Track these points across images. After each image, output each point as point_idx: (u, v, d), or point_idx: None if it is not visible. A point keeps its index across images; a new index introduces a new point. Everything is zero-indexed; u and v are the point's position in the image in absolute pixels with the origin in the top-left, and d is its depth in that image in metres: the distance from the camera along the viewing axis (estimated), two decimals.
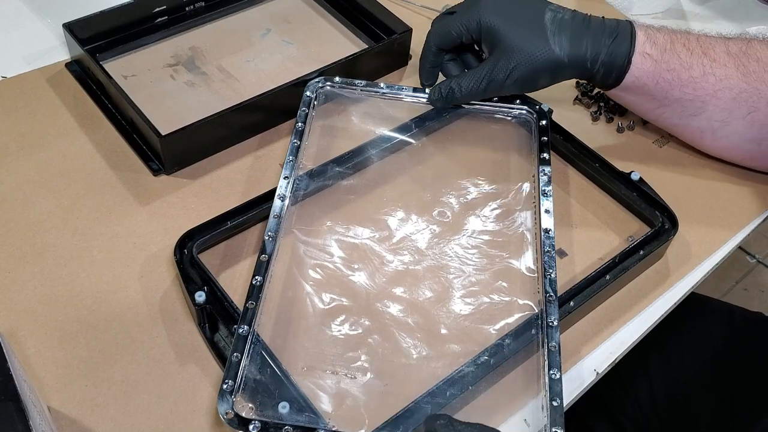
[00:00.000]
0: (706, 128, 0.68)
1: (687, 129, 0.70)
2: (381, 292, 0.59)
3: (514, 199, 0.66)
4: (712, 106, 0.66)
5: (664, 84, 0.65)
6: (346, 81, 0.72)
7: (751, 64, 0.64)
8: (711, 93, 0.65)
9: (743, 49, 0.65)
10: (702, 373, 0.76)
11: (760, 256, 1.62)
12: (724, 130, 0.67)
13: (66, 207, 0.64)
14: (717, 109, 0.66)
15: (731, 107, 0.65)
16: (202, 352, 0.55)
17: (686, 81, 0.65)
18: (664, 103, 0.67)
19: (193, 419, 0.52)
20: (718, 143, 0.70)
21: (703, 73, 0.65)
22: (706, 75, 0.65)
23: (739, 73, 0.64)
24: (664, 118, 0.70)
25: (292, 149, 0.65)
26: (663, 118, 0.70)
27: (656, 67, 0.65)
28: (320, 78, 0.71)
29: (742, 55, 0.65)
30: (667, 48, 0.65)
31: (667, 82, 0.65)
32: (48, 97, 0.73)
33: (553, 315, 0.55)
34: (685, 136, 0.72)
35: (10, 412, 0.40)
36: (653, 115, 0.70)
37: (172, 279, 0.60)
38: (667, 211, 0.65)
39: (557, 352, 0.53)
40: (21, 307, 0.57)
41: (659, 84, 0.65)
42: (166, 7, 0.79)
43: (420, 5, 0.88)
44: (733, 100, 0.65)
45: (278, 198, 0.61)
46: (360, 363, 0.54)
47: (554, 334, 0.54)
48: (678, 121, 0.69)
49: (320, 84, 0.71)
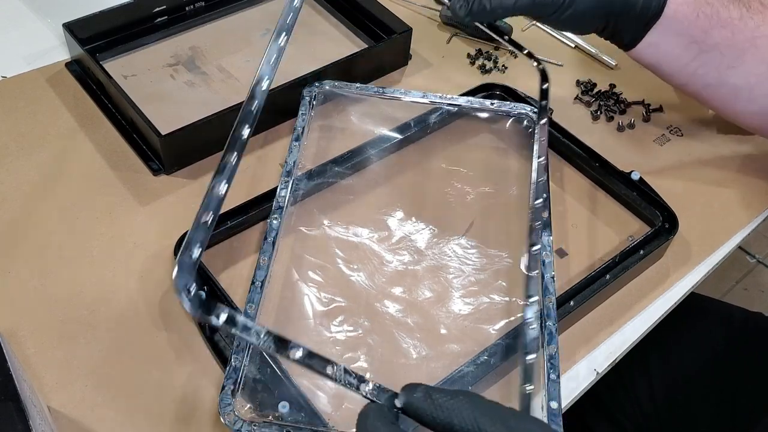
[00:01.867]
0: (743, 86, 0.64)
1: (723, 89, 0.65)
2: (380, 293, 0.59)
3: (513, 198, 0.66)
4: (750, 57, 0.62)
5: (704, 20, 0.61)
6: (345, 82, 0.72)
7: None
8: (750, 39, 0.62)
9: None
10: (702, 373, 0.76)
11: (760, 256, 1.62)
12: (762, 88, 0.64)
13: (66, 207, 0.64)
14: (755, 60, 0.62)
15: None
16: (202, 352, 0.55)
17: (725, 21, 0.61)
18: (703, 48, 0.62)
19: (193, 419, 0.52)
20: (754, 105, 0.65)
21: (740, 16, 0.62)
22: (743, 19, 0.62)
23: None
24: (700, 75, 0.64)
25: (291, 149, 0.65)
26: (698, 75, 0.64)
27: (696, 0, 0.61)
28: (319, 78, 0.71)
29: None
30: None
31: (708, 18, 0.61)
32: (48, 97, 0.73)
33: (553, 315, 0.55)
34: (718, 99, 0.67)
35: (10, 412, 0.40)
36: (689, 70, 0.64)
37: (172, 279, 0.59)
38: (667, 211, 0.65)
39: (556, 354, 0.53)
40: (21, 307, 0.57)
41: (699, 19, 0.61)
42: (166, 7, 0.79)
43: (420, 5, 0.88)
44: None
45: (278, 198, 0.61)
46: (359, 363, 0.54)
47: (554, 334, 0.54)
48: (716, 75, 0.64)
49: (319, 84, 0.71)
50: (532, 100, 0.73)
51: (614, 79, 0.81)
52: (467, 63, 0.82)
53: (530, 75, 0.76)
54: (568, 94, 0.79)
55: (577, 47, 0.85)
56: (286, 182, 0.63)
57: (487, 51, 0.83)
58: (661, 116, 0.78)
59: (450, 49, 0.84)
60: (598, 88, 0.80)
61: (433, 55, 0.82)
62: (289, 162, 0.64)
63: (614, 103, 0.78)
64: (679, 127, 0.77)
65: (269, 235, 0.59)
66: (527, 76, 0.81)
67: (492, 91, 0.75)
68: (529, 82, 0.79)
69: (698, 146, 0.75)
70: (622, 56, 0.67)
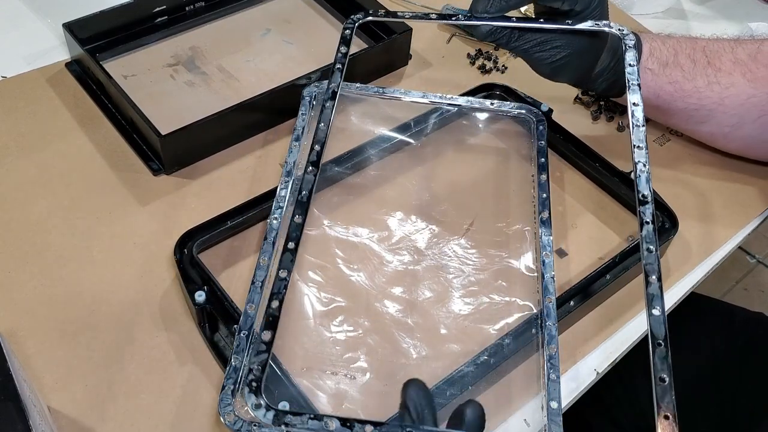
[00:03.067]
0: (717, 132, 0.69)
1: (697, 134, 0.71)
2: (380, 293, 0.59)
3: (513, 198, 0.66)
4: (720, 114, 0.66)
5: (666, 96, 0.66)
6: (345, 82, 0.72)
7: (760, 69, 0.64)
8: (717, 101, 0.65)
9: (752, 53, 0.65)
10: (702, 374, 0.76)
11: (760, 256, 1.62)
12: (736, 134, 0.68)
13: (66, 207, 0.64)
14: (725, 115, 0.66)
15: (741, 113, 0.66)
16: (202, 352, 0.55)
17: (690, 92, 0.66)
18: (668, 113, 0.68)
19: (193, 419, 0.52)
20: (732, 145, 0.71)
21: (707, 83, 0.65)
22: (710, 84, 0.65)
23: (746, 80, 0.64)
24: (672, 124, 0.71)
25: (291, 149, 0.65)
26: (671, 125, 0.71)
27: (656, 80, 0.65)
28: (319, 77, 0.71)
29: (750, 61, 0.65)
30: (669, 61, 0.65)
31: (669, 95, 0.66)
32: (48, 97, 0.73)
33: (553, 315, 0.55)
34: (697, 138, 0.73)
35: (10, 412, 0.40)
36: (661, 121, 0.72)
37: (172, 279, 0.60)
38: (667, 211, 0.65)
39: (556, 353, 0.53)
40: (21, 307, 0.57)
41: (660, 96, 0.66)
42: (166, 7, 0.79)
43: (420, 5, 0.88)
44: (741, 106, 0.65)
45: (278, 198, 0.61)
46: (359, 363, 0.54)
47: (554, 334, 0.54)
48: (686, 127, 0.70)
49: (319, 84, 0.71)
50: (531, 101, 0.73)
51: None
52: (467, 63, 0.82)
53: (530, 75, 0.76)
54: (568, 95, 0.79)
55: None
56: (286, 182, 0.63)
57: (487, 51, 0.83)
58: None
59: (450, 49, 0.84)
60: None
61: (433, 55, 0.82)
62: (289, 162, 0.64)
63: (614, 103, 0.78)
64: None
65: (269, 235, 0.59)
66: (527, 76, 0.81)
67: (492, 91, 0.75)
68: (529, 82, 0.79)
69: (698, 146, 0.75)
70: None
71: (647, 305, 0.48)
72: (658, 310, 0.48)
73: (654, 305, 0.48)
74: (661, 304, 0.48)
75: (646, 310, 0.48)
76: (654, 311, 0.47)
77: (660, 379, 0.45)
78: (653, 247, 0.50)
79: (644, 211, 0.52)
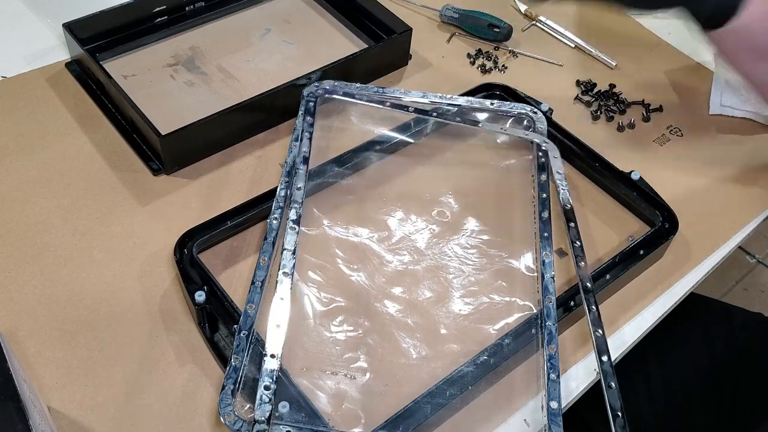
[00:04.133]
0: None
1: None
2: (380, 293, 0.59)
3: (513, 198, 0.66)
4: None
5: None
6: (345, 82, 0.72)
7: None
8: None
9: None
10: (702, 374, 0.76)
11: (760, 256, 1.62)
12: None
13: (66, 207, 0.64)
14: None
15: None
16: (202, 352, 0.55)
17: None
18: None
19: (193, 419, 0.52)
20: None
21: None
22: None
23: None
24: None
25: (291, 149, 0.65)
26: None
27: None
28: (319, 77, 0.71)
29: None
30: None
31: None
32: (48, 97, 0.73)
33: (553, 315, 0.55)
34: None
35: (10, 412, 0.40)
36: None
37: (172, 279, 0.60)
38: (667, 211, 0.65)
39: (556, 353, 0.53)
40: (21, 307, 0.57)
41: None
42: (166, 7, 0.79)
43: (420, 5, 0.88)
44: None
45: (278, 198, 0.61)
46: (359, 363, 0.54)
47: (554, 334, 0.54)
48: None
49: (319, 84, 0.71)
50: (531, 101, 0.73)
51: (614, 79, 0.81)
52: (467, 63, 0.82)
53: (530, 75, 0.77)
54: (568, 94, 0.79)
55: (577, 47, 0.85)
56: (287, 182, 0.62)
57: (487, 51, 0.83)
58: (661, 116, 0.78)
59: (450, 49, 0.84)
60: (598, 88, 0.80)
61: (433, 55, 0.82)
62: (289, 162, 0.64)
63: (614, 103, 0.78)
64: (679, 127, 0.77)
65: (269, 235, 0.59)
66: (527, 76, 0.81)
67: (492, 91, 0.75)
68: (529, 82, 0.79)
69: (698, 146, 0.75)
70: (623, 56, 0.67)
71: (603, 381, 0.51)
72: (613, 384, 0.51)
73: (609, 381, 0.51)
74: (614, 379, 0.52)
75: (603, 383, 0.51)
76: (611, 384, 0.51)
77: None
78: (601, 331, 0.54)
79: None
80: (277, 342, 0.51)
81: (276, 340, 0.51)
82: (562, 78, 0.81)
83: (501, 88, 0.75)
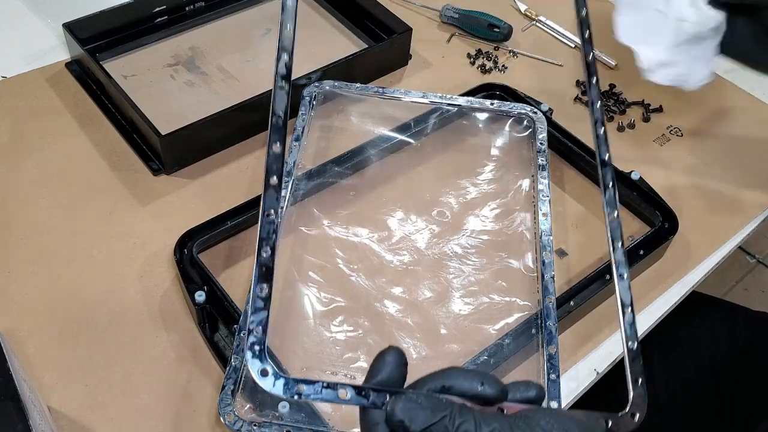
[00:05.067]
0: None
1: None
2: (380, 293, 0.59)
3: (513, 198, 0.66)
4: None
5: None
6: (345, 82, 0.72)
7: None
8: None
9: None
10: (703, 373, 0.76)
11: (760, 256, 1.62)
12: None
13: (66, 207, 0.64)
14: None
15: None
16: (202, 352, 0.55)
17: None
18: None
19: (193, 419, 0.52)
20: None
21: None
22: None
23: None
24: None
25: (291, 149, 0.65)
26: None
27: None
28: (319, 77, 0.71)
29: None
30: None
31: None
32: (48, 97, 0.73)
33: (553, 315, 0.55)
34: None
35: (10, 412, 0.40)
36: None
37: (172, 279, 0.60)
38: (667, 211, 0.65)
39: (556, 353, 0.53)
40: (21, 307, 0.57)
41: None
42: (166, 7, 0.79)
43: (420, 5, 0.88)
44: None
45: None
46: (359, 363, 0.54)
47: (554, 334, 0.54)
48: None
49: (319, 84, 0.71)
50: (531, 101, 0.73)
51: (614, 79, 0.81)
52: (467, 63, 0.82)
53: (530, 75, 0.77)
54: (568, 94, 0.79)
55: (577, 47, 0.85)
56: (286, 182, 0.63)
57: (487, 51, 0.83)
58: (661, 116, 0.78)
59: (450, 49, 0.84)
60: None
61: (433, 55, 0.82)
62: (289, 162, 0.64)
63: (614, 103, 0.78)
64: (679, 127, 0.77)
65: None
66: (527, 76, 0.81)
67: (492, 91, 0.75)
68: (529, 82, 0.79)
69: (698, 146, 0.75)
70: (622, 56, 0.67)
71: (615, 270, 0.47)
72: (624, 273, 0.47)
73: (620, 270, 0.47)
74: (626, 269, 0.47)
75: (615, 272, 0.47)
76: (623, 274, 0.47)
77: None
78: (616, 213, 0.49)
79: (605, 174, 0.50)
80: None
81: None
82: (562, 78, 0.81)
83: (501, 88, 0.75)
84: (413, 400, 0.34)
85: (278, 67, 0.45)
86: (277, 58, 0.46)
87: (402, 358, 0.36)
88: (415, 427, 0.33)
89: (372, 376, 0.36)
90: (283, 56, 0.46)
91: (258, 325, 0.38)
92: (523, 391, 0.37)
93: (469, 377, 0.36)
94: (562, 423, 0.34)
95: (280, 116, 0.44)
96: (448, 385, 0.35)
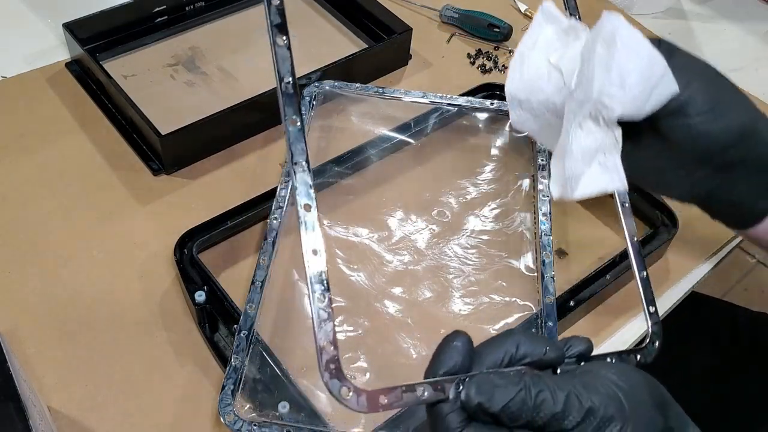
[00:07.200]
0: None
1: None
2: (380, 293, 0.59)
3: (513, 198, 0.66)
4: None
5: None
6: (345, 82, 0.72)
7: None
8: None
9: None
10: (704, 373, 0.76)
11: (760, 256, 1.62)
12: None
13: (66, 207, 0.64)
14: None
15: None
16: (202, 352, 0.55)
17: None
18: None
19: (193, 419, 0.52)
20: None
21: None
22: None
23: None
24: None
25: None
26: None
27: None
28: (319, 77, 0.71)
29: None
30: None
31: None
32: (48, 97, 0.73)
33: (553, 315, 0.55)
34: None
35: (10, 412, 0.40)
36: None
37: (172, 279, 0.60)
38: (667, 211, 0.65)
39: None
40: (21, 307, 0.57)
41: None
42: (166, 7, 0.79)
43: (420, 5, 0.88)
44: None
45: (278, 198, 0.61)
46: (359, 363, 0.54)
47: (554, 334, 0.54)
48: None
49: (319, 84, 0.71)
50: None
51: None
52: (467, 63, 0.82)
53: None
54: None
55: None
56: (286, 182, 0.63)
57: (487, 51, 0.83)
58: None
59: (450, 49, 0.84)
60: None
61: (433, 55, 0.82)
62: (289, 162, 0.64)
63: None
64: None
65: (269, 235, 0.59)
66: None
67: (492, 91, 0.75)
68: None
69: None
70: None
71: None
72: None
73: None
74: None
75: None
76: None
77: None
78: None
79: None
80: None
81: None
82: None
83: (501, 88, 0.75)
84: (487, 381, 0.33)
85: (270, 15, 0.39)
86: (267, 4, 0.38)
87: (470, 343, 0.35)
88: (495, 407, 0.32)
89: (441, 364, 0.35)
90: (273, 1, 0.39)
91: (326, 341, 0.36)
92: (576, 346, 0.37)
93: (534, 342, 0.35)
94: (620, 371, 0.35)
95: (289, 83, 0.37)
96: (519, 355, 0.35)
